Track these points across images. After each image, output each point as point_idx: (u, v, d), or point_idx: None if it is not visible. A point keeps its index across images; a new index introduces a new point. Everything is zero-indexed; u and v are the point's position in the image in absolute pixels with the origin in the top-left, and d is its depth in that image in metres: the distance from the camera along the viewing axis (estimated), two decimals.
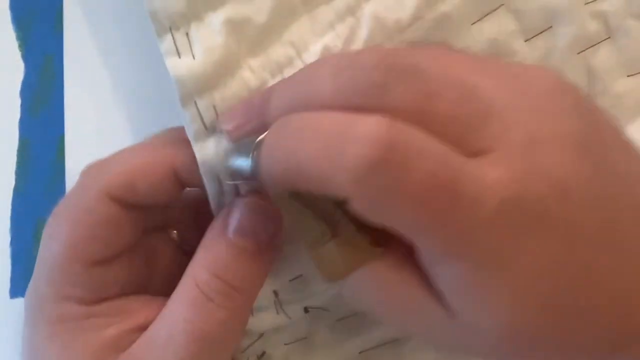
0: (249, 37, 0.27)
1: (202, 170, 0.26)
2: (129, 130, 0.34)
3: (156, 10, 0.27)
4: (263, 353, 0.30)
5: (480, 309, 0.22)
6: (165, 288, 0.27)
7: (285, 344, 0.31)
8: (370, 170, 0.20)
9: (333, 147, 0.21)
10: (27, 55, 0.35)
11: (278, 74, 0.27)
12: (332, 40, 0.27)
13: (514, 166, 0.21)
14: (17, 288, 0.34)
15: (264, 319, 0.29)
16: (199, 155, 0.26)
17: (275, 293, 0.29)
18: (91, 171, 0.28)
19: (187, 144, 0.27)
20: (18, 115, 0.35)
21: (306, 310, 0.30)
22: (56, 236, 0.27)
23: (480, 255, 0.21)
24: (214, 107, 0.27)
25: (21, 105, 0.35)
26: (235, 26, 0.27)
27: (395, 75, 0.22)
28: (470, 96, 0.22)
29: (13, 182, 0.35)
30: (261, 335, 0.30)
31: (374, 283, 0.24)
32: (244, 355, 0.30)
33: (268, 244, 0.27)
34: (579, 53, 0.30)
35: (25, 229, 0.34)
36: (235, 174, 0.26)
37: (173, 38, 0.27)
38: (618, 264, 0.23)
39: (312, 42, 0.27)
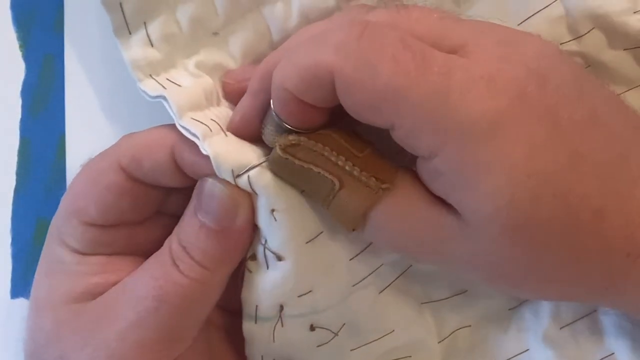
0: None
1: (213, 165, 0.27)
2: (129, 130, 0.34)
3: (135, 60, 0.29)
4: None
5: (480, 193, 0.23)
6: None
7: None
8: (348, 38, 0.24)
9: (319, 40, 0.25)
10: (27, 55, 0.35)
11: None
12: None
13: (489, 53, 0.24)
14: (18, 288, 0.34)
15: (264, 332, 0.29)
16: (210, 150, 0.27)
17: (281, 307, 0.29)
18: (119, 141, 0.30)
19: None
20: (19, 115, 0.35)
21: (312, 328, 0.30)
22: (71, 188, 0.29)
23: (470, 126, 0.23)
24: (213, 119, 0.28)
25: (22, 105, 0.35)
26: (210, 67, 0.30)
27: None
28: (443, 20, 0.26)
29: (13, 182, 0.35)
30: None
31: (389, 219, 0.26)
32: None
33: (233, 227, 0.27)
34: None
35: (26, 229, 0.34)
36: (277, 132, 0.27)
37: (156, 81, 0.29)
38: (607, 148, 0.24)
39: None
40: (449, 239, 0.25)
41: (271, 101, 0.26)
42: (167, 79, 0.29)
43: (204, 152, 0.27)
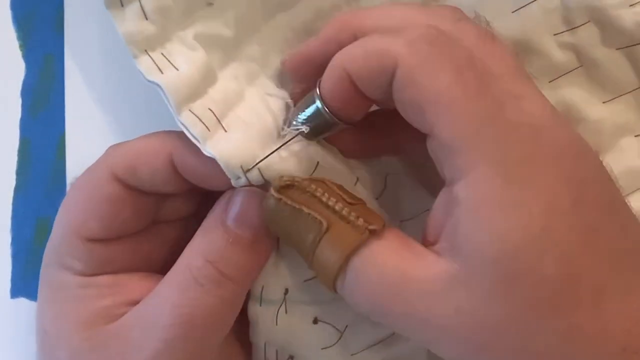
0: (222, 46, 0.30)
1: (221, 165, 0.27)
2: (130, 130, 0.34)
3: (130, 34, 0.28)
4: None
5: (492, 232, 0.23)
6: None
7: None
8: (422, 38, 0.24)
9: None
10: (27, 55, 0.35)
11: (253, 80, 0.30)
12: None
13: (541, 110, 0.24)
14: (17, 288, 0.34)
15: (268, 314, 0.29)
16: (215, 152, 0.26)
17: (286, 290, 0.29)
18: (109, 151, 0.29)
19: (182, 135, 0.27)
20: (19, 115, 0.35)
21: (315, 321, 0.30)
22: (66, 207, 0.29)
23: (505, 160, 0.23)
24: (210, 109, 0.28)
25: (22, 105, 0.35)
26: (206, 39, 0.29)
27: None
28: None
29: (13, 182, 0.35)
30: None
31: (373, 265, 0.24)
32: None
33: (265, 235, 0.27)
34: (550, 82, 0.31)
35: (26, 229, 0.34)
36: (311, 121, 0.27)
37: (151, 58, 0.28)
38: (622, 235, 0.24)
39: (273, 58, 0.31)
40: (437, 290, 0.23)
41: (317, 82, 0.26)
42: (162, 54, 0.29)
43: (207, 154, 0.26)
